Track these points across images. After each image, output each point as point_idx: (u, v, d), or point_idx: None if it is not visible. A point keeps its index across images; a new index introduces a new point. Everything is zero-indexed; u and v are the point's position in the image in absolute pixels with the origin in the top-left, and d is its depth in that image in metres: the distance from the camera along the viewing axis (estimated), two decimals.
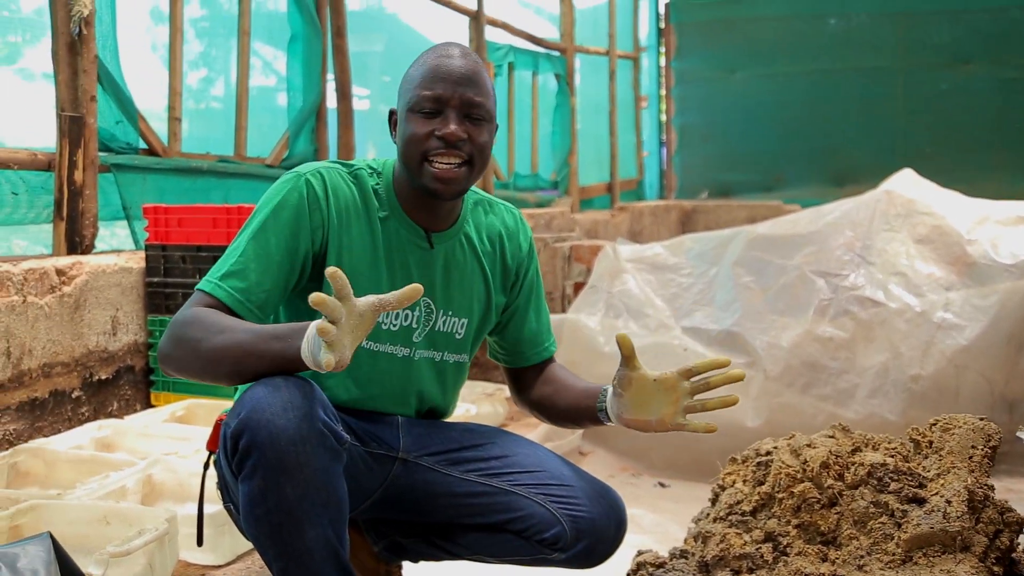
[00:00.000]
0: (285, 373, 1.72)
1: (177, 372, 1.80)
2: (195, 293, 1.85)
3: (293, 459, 1.62)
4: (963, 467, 1.89)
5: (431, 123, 1.89)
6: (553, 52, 9.37)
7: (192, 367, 1.77)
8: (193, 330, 1.75)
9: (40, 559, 1.81)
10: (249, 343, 1.72)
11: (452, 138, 1.87)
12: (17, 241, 4.63)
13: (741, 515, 2.01)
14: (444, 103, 1.89)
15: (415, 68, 1.95)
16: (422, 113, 1.90)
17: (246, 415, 1.64)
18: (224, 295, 1.82)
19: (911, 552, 1.81)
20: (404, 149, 1.93)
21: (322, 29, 5.68)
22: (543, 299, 2.26)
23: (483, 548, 2.09)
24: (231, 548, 2.58)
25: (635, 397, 1.88)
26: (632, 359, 1.85)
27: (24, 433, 3.26)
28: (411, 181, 1.95)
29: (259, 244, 1.86)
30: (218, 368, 1.74)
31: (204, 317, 1.77)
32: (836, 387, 3.64)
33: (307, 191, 1.91)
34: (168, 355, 1.79)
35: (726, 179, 11.23)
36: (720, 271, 4.06)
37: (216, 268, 1.87)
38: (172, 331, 1.79)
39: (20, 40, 5.12)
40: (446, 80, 1.89)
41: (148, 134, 4.48)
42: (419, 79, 1.91)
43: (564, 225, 7.35)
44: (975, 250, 3.72)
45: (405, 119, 1.93)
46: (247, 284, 1.83)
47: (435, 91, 1.89)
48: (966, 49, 10.40)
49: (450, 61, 1.91)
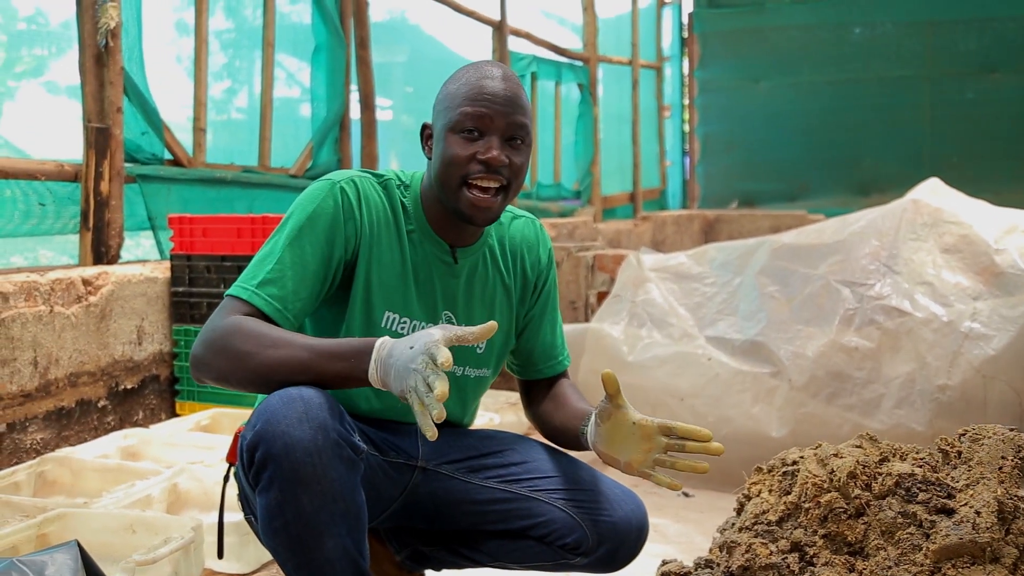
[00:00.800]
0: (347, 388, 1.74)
1: (214, 381, 1.77)
2: (228, 299, 1.82)
3: (309, 470, 1.62)
4: (993, 478, 1.87)
5: (473, 146, 1.86)
6: (576, 62, 9.38)
7: (235, 378, 1.74)
8: (240, 341, 1.72)
9: (67, 567, 1.82)
10: (308, 361, 1.71)
11: (495, 163, 1.85)
12: (44, 252, 4.67)
13: (767, 525, 2.00)
14: (487, 126, 1.86)
15: (456, 86, 1.91)
16: (464, 134, 1.87)
17: (262, 427, 1.64)
18: (262, 303, 1.80)
19: (939, 563, 1.79)
20: (442, 169, 1.90)
21: (346, 40, 5.71)
22: (558, 313, 2.25)
23: (505, 555, 2.09)
24: (256, 557, 2.59)
25: (611, 432, 1.87)
26: (616, 396, 1.84)
27: (51, 442, 3.28)
28: (444, 201, 1.93)
29: (295, 252, 1.84)
30: (268, 383, 1.72)
31: (251, 328, 1.74)
32: (862, 397, 3.61)
33: (342, 199, 1.90)
34: (207, 364, 1.76)
35: (750, 188, 11.20)
36: (744, 280, 4.04)
37: (250, 274, 1.84)
38: (211, 339, 1.75)
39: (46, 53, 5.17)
40: (491, 102, 1.86)
41: (173, 145, 4.52)
42: (462, 98, 1.88)
43: (587, 234, 7.35)
44: (1003, 260, 3.69)
45: (444, 138, 1.89)
46: (284, 293, 1.81)
47: (479, 112, 1.86)
48: (992, 57, 10.33)
49: (494, 83, 1.88)
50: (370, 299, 1.93)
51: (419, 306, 1.98)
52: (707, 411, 3.78)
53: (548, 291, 2.20)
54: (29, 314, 3.17)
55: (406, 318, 1.96)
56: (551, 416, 2.14)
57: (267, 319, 1.80)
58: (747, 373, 3.75)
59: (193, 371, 1.79)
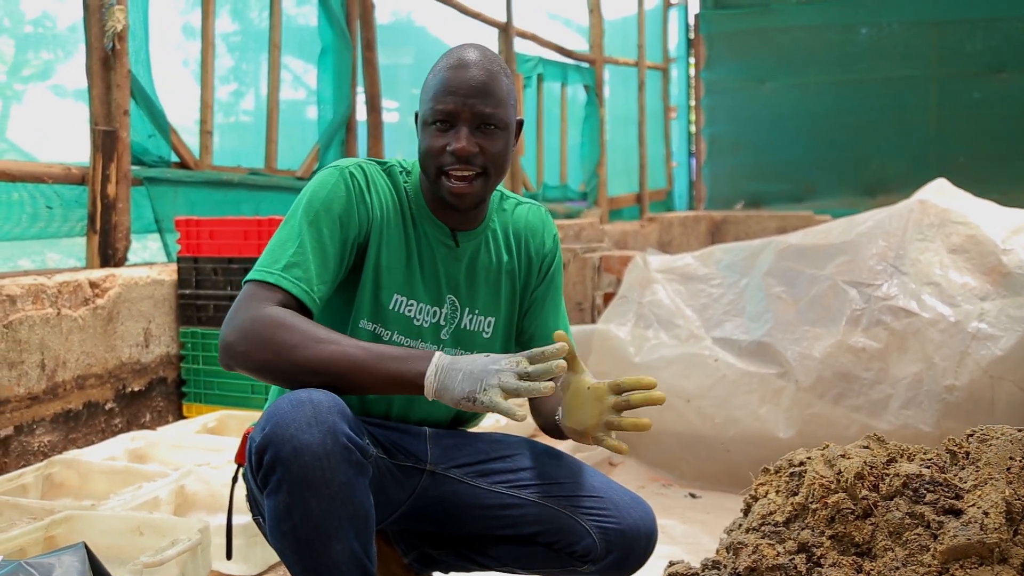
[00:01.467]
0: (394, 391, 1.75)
1: (249, 371, 1.75)
2: (253, 285, 1.80)
3: (318, 474, 1.62)
4: (1001, 478, 1.86)
5: (445, 137, 1.90)
6: (582, 63, 9.38)
7: (277, 370, 1.73)
8: (286, 334, 1.71)
9: (75, 569, 1.82)
10: (362, 360, 1.71)
11: (463, 153, 1.88)
12: (51, 255, 4.68)
13: (774, 526, 1.99)
14: (456, 116, 1.89)
15: (431, 76, 1.96)
16: (435, 126, 1.91)
17: (271, 430, 1.64)
18: (290, 285, 1.79)
19: (947, 564, 1.79)
20: (421, 160, 1.95)
21: (352, 42, 5.72)
22: (562, 301, 2.24)
23: (513, 560, 2.09)
24: (263, 559, 2.59)
25: (571, 402, 1.86)
26: (573, 360, 1.83)
27: (58, 444, 3.29)
28: (431, 189, 1.98)
29: (313, 236, 1.85)
30: (313, 377, 1.71)
31: (295, 321, 1.73)
32: (869, 398, 3.60)
33: (352, 183, 1.92)
34: (244, 354, 1.73)
35: (756, 189, 11.18)
36: (751, 281, 4.04)
37: (271, 258, 1.83)
38: (249, 328, 1.73)
39: (53, 57, 5.19)
40: (456, 93, 1.88)
41: (180, 147, 4.53)
42: (432, 90, 1.92)
43: (593, 236, 7.34)
44: (1010, 260, 3.68)
45: (421, 130, 1.95)
46: (309, 276, 1.81)
47: (446, 105, 1.89)
48: (999, 57, 10.30)
49: (463, 72, 1.90)
50: (379, 280, 1.94)
51: (424, 288, 2.00)
52: (714, 412, 3.78)
53: (552, 275, 2.20)
54: (36, 317, 3.17)
55: (413, 300, 1.98)
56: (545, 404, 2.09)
57: (296, 301, 1.79)
58: (754, 374, 3.75)
59: (224, 358, 1.76)
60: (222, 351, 1.76)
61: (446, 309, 2.02)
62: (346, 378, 1.72)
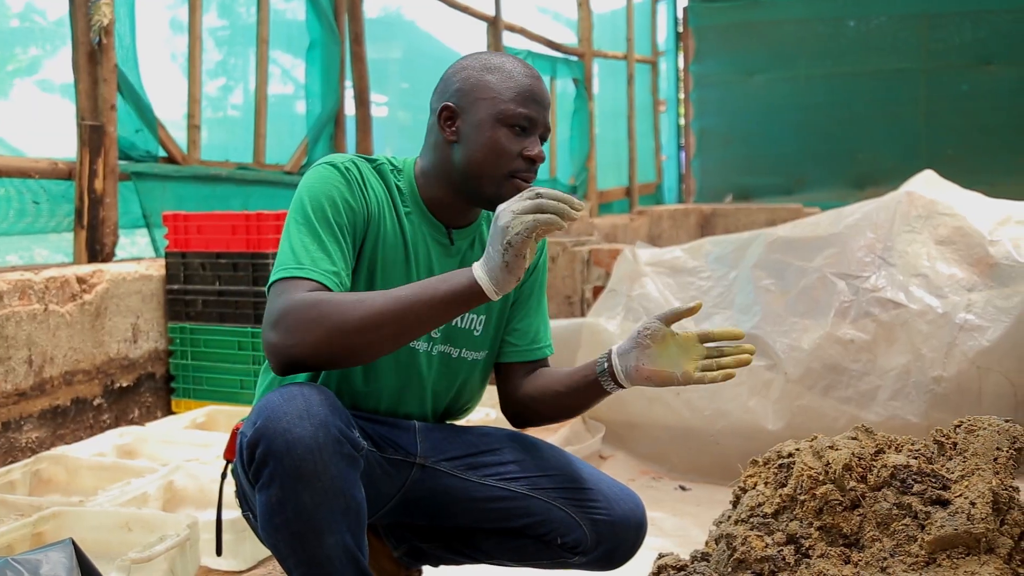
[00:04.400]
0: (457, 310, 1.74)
1: (308, 357, 1.69)
2: (284, 283, 1.75)
3: (310, 467, 1.61)
4: (988, 469, 1.87)
5: (520, 141, 1.90)
6: (571, 57, 9.37)
7: (336, 343, 1.68)
8: (328, 308, 1.68)
9: (62, 565, 1.82)
10: (412, 296, 1.70)
11: (540, 161, 1.92)
12: (38, 250, 4.66)
13: (763, 517, 2.00)
14: (535, 124, 1.92)
15: (499, 77, 1.92)
16: (515, 129, 1.90)
17: (262, 424, 1.63)
18: (322, 277, 1.75)
19: (934, 554, 1.79)
20: (489, 157, 1.90)
21: (340, 36, 5.70)
22: (544, 298, 2.24)
23: (503, 553, 2.09)
24: (252, 554, 2.58)
25: (660, 350, 1.90)
26: (679, 319, 1.92)
27: (46, 441, 3.28)
28: (471, 185, 1.93)
29: (329, 231, 1.82)
30: (378, 332, 1.68)
31: (330, 296, 1.70)
32: (857, 389, 3.61)
33: (351, 177, 1.90)
34: (297, 343, 1.67)
35: (746, 182, 11.19)
36: (740, 274, 4.04)
37: (295, 258, 1.78)
38: (290, 320, 1.68)
39: (40, 52, 5.16)
40: (540, 103, 1.92)
41: (168, 142, 4.51)
42: (512, 94, 1.90)
43: (583, 229, 7.34)
44: (997, 251, 3.69)
45: (492, 128, 1.89)
46: (337, 268, 1.79)
47: (530, 112, 1.90)
48: (988, 50, 10.33)
49: (539, 84, 1.94)
50: (374, 277, 1.93)
51: None
52: (703, 404, 3.79)
53: (538, 272, 2.20)
54: (24, 312, 3.16)
55: None
56: (548, 386, 2.09)
57: (325, 289, 1.76)
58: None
59: (277, 359, 1.71)
60: (272, 355, 1.71)
61: None
62: (405, 318, 1.69)
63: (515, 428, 2.19)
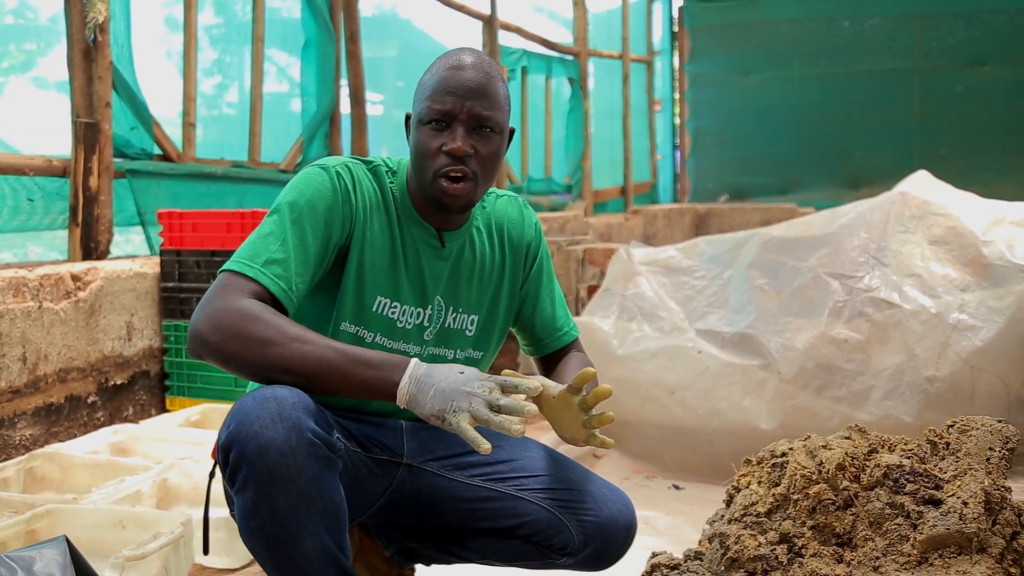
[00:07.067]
0: (367, 397, 1.74)
1: (218, 362, 1.73)
2: (231, 275, 1.78)
3: (284, 470, 1.61)
4: (980, 469, 1.88)
5: (440, 136, 1.89)
6: (566, 56, 9.37)
7: (248, 364, 1.70)
8: (260, 328, 1.69)
9: (56, 563, 1.81)
10: (337, 363, 1.70)
11: (459, 153, 1.87)
12: (33, 247, 4.66)
13: (756, 516, 2.00)
14: (453, 117, 1.89)
15: (428, 76, 1.95)
16: (431, 126, 1.90)
17: (235, 428, 1.63)
18: (269, 282, 1.77)
19: (927, 553, 1.80)
20: (414, 160, 1.94)
21: (336, 35, 5.70)
22: (556, 284, 2.25)
23: (492, 553, 2.09)
24: (245, 552, 2.58)
25: (550, 416, 1.89)
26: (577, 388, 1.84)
27: (40, 438, 3.27)
28: (422, 190, 1.96)
29: (296, 234, 1.83)
30: (283, 376, 1.70)
31: (271, 317, 1.71)
32: (851, 389, 3.62)
33: (338, 183, 1.90)
34: (215, 344, 1.71)
35: (740, 182, 11.22)
36: (734, 273, 4.05)
37: (252, 252, 1.81)
38: (222, 320, 1.71)
39: (35, 48, 5.15)
40: (455, 93, 1.88)
41: (163, 140, 4.51)
42: (430, 90, 1.91)
43: (578, 228, 7.35)
44: (990, 251, 3.70)
45: (416, 129, 1.93)
46: (288, 274, 1.80)
47: (444, 105, 1.88)
48: (982, 51, 10.36)
49: (461, 73, 1.90)
50: (362, 283, 1.93)
51: (409, 290, 1.98)
52: (697, 404, 3.79)
53: (540, 264, 2.20)
54: (18, 310, 3.16)
55: (396, 302, 1.96)
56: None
57: (272, 297, 1.77)
58: (737, 366, 3.76)
59: (193, 345, 1.74)
60: (192, 338, 1.73)
61: (431, 310, 2.01)
62: (317, 380, 1.70)
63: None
